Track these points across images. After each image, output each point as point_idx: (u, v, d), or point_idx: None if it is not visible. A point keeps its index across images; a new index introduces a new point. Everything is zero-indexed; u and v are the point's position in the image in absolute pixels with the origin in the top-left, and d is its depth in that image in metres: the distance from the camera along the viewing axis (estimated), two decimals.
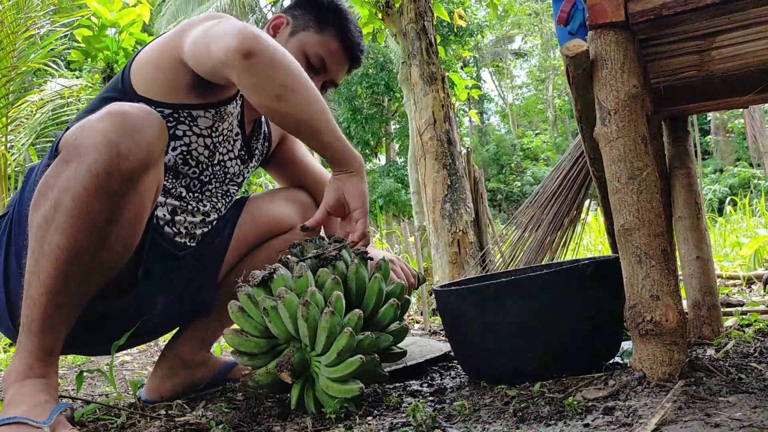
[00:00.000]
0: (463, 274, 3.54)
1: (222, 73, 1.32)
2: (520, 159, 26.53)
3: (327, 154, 1.42)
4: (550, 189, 2.28)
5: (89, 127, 1.20)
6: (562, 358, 1.27)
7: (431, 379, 1.57)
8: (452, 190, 3.72)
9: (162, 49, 1.47)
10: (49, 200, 1.18)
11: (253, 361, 1.27)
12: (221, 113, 1.53)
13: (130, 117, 1.21)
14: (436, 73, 3.90)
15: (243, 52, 1.27)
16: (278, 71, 1.31)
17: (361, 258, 1.31)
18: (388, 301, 1.30)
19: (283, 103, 1.32)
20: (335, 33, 1.69)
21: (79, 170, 1.16)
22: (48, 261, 1.18)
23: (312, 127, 1.37)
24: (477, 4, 20.58)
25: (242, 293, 1.26)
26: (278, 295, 1.18)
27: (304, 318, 1.15)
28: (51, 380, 1.24)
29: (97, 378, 2.29)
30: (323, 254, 1.29)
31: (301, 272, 1.23)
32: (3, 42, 4.73)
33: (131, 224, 1.28)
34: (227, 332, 1.29)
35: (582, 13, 1.54)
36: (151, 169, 1.25)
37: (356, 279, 1.28)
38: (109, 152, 1.17)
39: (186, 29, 1.44)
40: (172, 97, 1.46)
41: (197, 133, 1.51)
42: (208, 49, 1.32)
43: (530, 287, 1.28)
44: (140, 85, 1.46)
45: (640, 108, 1.20)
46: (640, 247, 1.16)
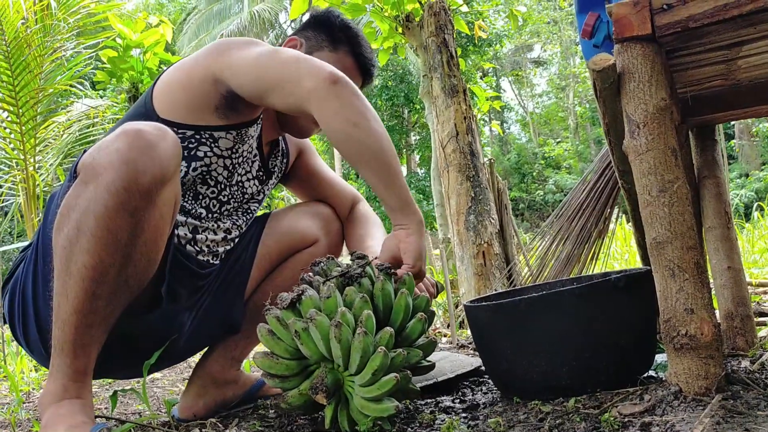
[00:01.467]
0: (489, 285, 3.53)
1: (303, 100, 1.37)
2: (541, 167, 26.40)
3: (389, 197, 1.41)
4: (577, 201, 2.27)
5: (105, 147, 1.22)
6: (596, 372, 1.27)
7: (463, 394, 1.57)
8: (476, 202, 3.71)
9: (188, 70, 1.49)
10: (72, 221, 1.21)
11: (284, 383, 1.28)
12: (242, 135, 1.55)
13: (145, 134, 1.23)
14: (457, 86, 3.90)
15: (332, 80, 1.34)
16: (357, 100, 1.37)
17: (385, 273, 1.32)
18: (416, 316, 1.31)
19: (358, 130, 1.36)
20: (348, 50, 1.73)
21: (98, 190, 1.19)
22: (75, 281, 1.21)
23: (381, 160, 1.38)
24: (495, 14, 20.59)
25: (271, 316, 1.27)
26: (309, 317, 1.19)
27: (337, 339, 1.16)
28: (86, 400, 1.26)
29: (128, 396, 2.31)
30: (348, 272, 1.30)
31: (329, 293, 1.24)
32: (30, 65, 4.83)
33: (153, 239, 1.30)
34: (257, 355, 1.30)
35: (606, 25, 1.54)
36: (168, 183, 1.28)
37: (383, 295, 1.29)
38: (126, 170, 1.19)
39: (223, 50, 1.47)
40: (195, 119, 1.48)
41: (217, 153, 1.53)
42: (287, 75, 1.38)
43: (562, 301, 1.27)
44: (163, 107, 1.48)
45: (669, 120, 1.19)
46: (673, 261, 1.15)
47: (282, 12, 22.93)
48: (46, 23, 4.80)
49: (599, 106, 1.34)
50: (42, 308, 1.39)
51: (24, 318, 1.44)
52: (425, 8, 4.04)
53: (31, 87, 4.79)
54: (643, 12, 1.20)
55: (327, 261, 1.39)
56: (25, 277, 1.44)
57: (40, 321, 1.40)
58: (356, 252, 1.40)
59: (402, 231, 1.42)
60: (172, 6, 28.88)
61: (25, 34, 4.63)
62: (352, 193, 1.87)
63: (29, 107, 4.82)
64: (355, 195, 1.88)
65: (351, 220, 1.84)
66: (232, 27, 20.14)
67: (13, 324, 1.49)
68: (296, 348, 1.25)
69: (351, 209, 1.85)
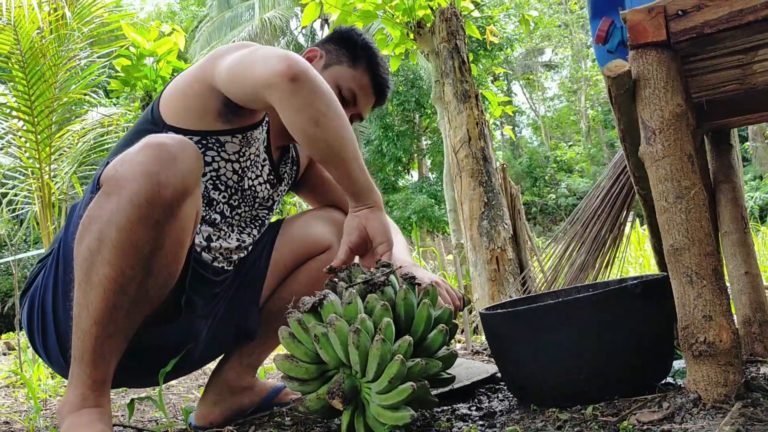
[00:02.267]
0: (502, 291, 3.52)
1: (263, 94, 1.35)
2: (554, 171, 26.29)
3: (350, 185, 1.45)
4: (591, 207, 2.26)
5: (129, 159, 1.24)
6: (613, 379, 1.26)
7: (479, 401, 1.56)
8: (489, 207, 3.71)
9: (191, 78, 1.51)
10: (94, 233, 1.22)
11: (303, 386, 1.29)
12: (248, 138, 1.57)
13: (167, 147, 1.25)
14: (469, 91, 3.90)
15: (290, 76, 1.31)
16: (318, 98, 1.35)
17: (408, 283, 1.32)
18: (437, 327, 1.30)
19: (318, 129, 1.35)
20: (366, 69, 1.74)
21: (121, 202, 1.20)
22: (96, 292, 1.22)
23: (341, 156, 1.40)
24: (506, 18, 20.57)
25: (292, 319, 1.28)
26: (329, 321, 1.19)
27: (355, 345, 1.16)
28: (105, 409, 1.27)
29: (144, 404, 2.32)
30: (371, 280, 1.30)
31: (350, 299, 1.24)
32: (46, 74, 4.87)
33: (174, 252, 1.31)
34: (278, 358, 1.30)
35: (620, 31, 1.54)
36: (190, 196, 1.29)
37: (405, 305, 1.29)
38: (149, 182, 1.20)
39: (217, 57, 1.48)
40: (200, 124, 1.50)
41: (225, 158, 1.54)
42: (252, 70, 1.36)
43: (579, 308, 1.27)
44: (169, 114, 1.50)
45: (685, 126, 1.19)
46: (691, 267, 1.15)
47: (293, 19, 23.01)
48: (61, 33, 4.85)
49: (614, 113, 1.33)
50: (62, 319, 1.40)
51: (43, 328, 1.45)
52: (437, 14, 4.05)
53: (47, 96, 4.83)
54: (658, 18, 1.20)
55: (352, 267, 1.40)
56: (44, 288, 1.45)
57: (60, 332, 1.41)
58: (380, 260, 1.40)
59: (365, 210, 1.46)
60: (184, 14, 29.09)
61: (40, 44, 4.68)
62: None
63: (44, 116, 4.86)
64: None
65: None
66: (244, 34, 20.24)
67: (32, 334, 1.50)
68: (316, 352, 1.25)
69: None
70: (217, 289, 1.61)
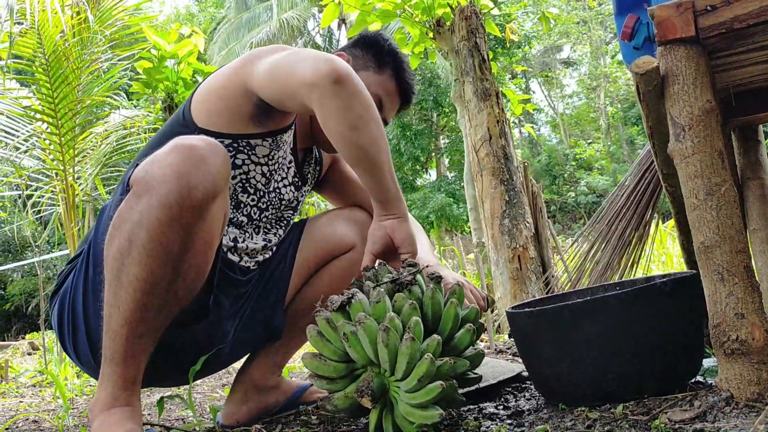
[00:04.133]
0: (524, 290, 3.51)
1: (304, 95, 1.35)
2: (573, 169, 26.12)
3: (380, 192, 1.44)
4: (616, 206, 2.24)
5: (159, 161, 1.25)
6: (643, 378, 1.25)
7: (506, 401, 1.56)
8: (510, 206, 3.70)
9: (224, 80, 1.52)
10: (124, 234, 1.23)
11: (330, 385, 1.29)
12: (277, 141, 1.58)
13: (197, 149, 1.26)
14: (489, 89, 3.89)
15: (333, 77, 1.32)
16: (359, 102, 1.35)
17: (435, 282, 1.32)
18: (464, 327, 1.30)
19: (356, 132, 1.35)
20: (393, 74, 1.75)
21: (151, 203, 1.21)
22: (126, 292, 1.23)
23: (375, 162, 1.40)
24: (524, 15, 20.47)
25: (321, 318, 1.28)
26: (358, 320, 1.20)
27: (384, 344, 1.17)
28: (135, 408, 1.29)
29: (171, 403, 2.34)
30: (398, 279, 1.31)
31: (379, 297, 1.24)
32: (69, 77, 4.94)
33: (203, 252, 1.32)
34: (306, 355, 1.31)
35: (646, 27, 1.53)
36: (218, 197, 1.30)
37: (432, 304, 1.29)
38: (179, 184, 1.21)
39: (252, 59, 1.49)
40: (232, 127, 1.50)
41: (255, 161, 1.55)
42: (294, 71, 1.36)
43: (607, 307, 1.26)
44: (201, 117, 1.51)
45: (715, 122, 1.18)
46: (722, 265, 1.14)
47: (310, 19, 23.07)
48: (83, 36, 4.90)
49: (642, 109, 1.32)
50: (92, 319, 1.42)
51: (74, 329, 1.47)
52: (456, 12, 4.04)
53: (70, 99, 4.89)
54: (687, 14, 1.19)
55: (379, 266, 1.40)
56: (74, 288, 1.47)
57: (90, 332, 1.43)
58: (406, 260, 1.40)
59: (391, 220, 1.45)
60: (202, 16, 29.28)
61: (63, 48, 4.74)
62: None
63: (68, 119, 4.92)
64: None
65: None
66: (261, 35, 20.33)
67: (62, 334, 1.52)
68: (344, 351, 1.26)
69: None
70: (243, 289, 1.63)
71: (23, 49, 4.74)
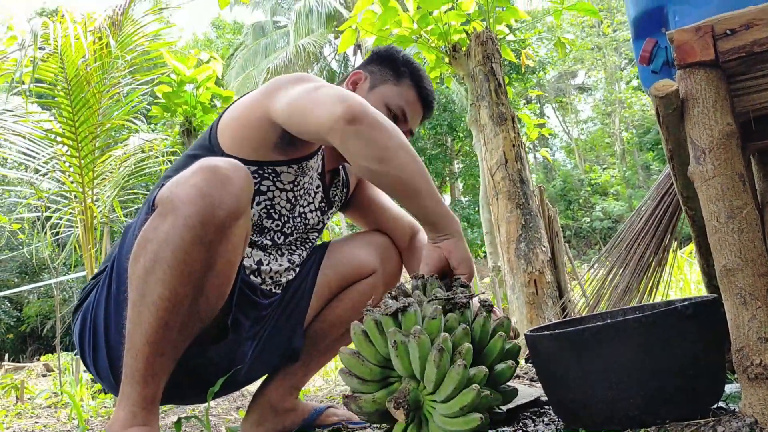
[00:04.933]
0: (541, 314, 3.48)
1: (323, 136, 1.37)
2: (588, 194, 26.05)
3: (425, 216, 1.43)
4: (634, 230, 2.23)
5: (183, 182, 1.27)
6: (665, 403, 1.24)
7: (524, 425, 1.54)
8: (526, 230, 3.69)
9: (248, 108, 1.54)
10: (149, 253, 1.25)
11: (361, 385, 1.28)
12: (303, 168, 1.59)
13: (221, 170, 1.28)
14: (505, 114, 3.91)
15: (347, 119, 1.33)
16: (380, 135, 1.35)
17: (487, 311, 1.32)
18: (506, 362, 1.30)
19: (384, 164, 1.36)
20: (411, 84, 1.77)
21: (176, 223, 1.23)
22: (150, 311, 1.24)
23: (411, 188, 1.38)
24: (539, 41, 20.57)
25: (369, 318, 1.27)
26: (413, 332, 1.19)
27: (436, 364, 1.16)
28: (154, 428, 1.29)
29: (188, 424, 2.34)
30: (454, 299, 1.30)
31: (435, 314, 1.23)
32: (90, 101, 5.01)
33: (225, 272, 1.33)
34: (344, 351, 1.30)
35: (665, 51, 1.53)
36: (241, 217, 1.31)
37: (481, 332, 1.29)
38: (203, 204, 1.23)
39: (274, 90, 1.50)
40: (258, 155, 1.52)
41: (280, 187, 1.56)
42: (311, 112, 1.38)
43: (628, 330, 1.25)
44: (227, 143, 1.53)
45: (735, 146, 1.18)
46: (745, 288, 1.13)
47: (326, 45, 23.33)
48: (105, 61, 4.98)
49: (662, 132, 1.33)
50: (113, 335, 1.43)
51: (94, 344, 1.48)
52: (472, 38, 4.07)
53: (90, 122, 4.95)
54: (706, 38, 1.20)
55: (430, 278, 1.39)
56: (97, 304, 1.48)
57: (111, 347, 1.44)
58: (459, 279, 1.39)
59: (447, 240, 1.42)
60: (220, 42, 29.68)
61: (85, 72, 4.81)
62: (410, 223, 1.89)
63: (88, 142, 4.98)
64: (414, 225, 1.90)
65: (412, 250, 1.85)
66: (278, 61, 20.59)
67: (83, 349, 1.53)
68: (385, 356, 1.25)
69: (411, 239, 1.87)
70: (264, 312, 1.63)
71: (45, 73, 4.82)
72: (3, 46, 5.13)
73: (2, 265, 17.69)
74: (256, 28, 24.18)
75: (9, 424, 3.14)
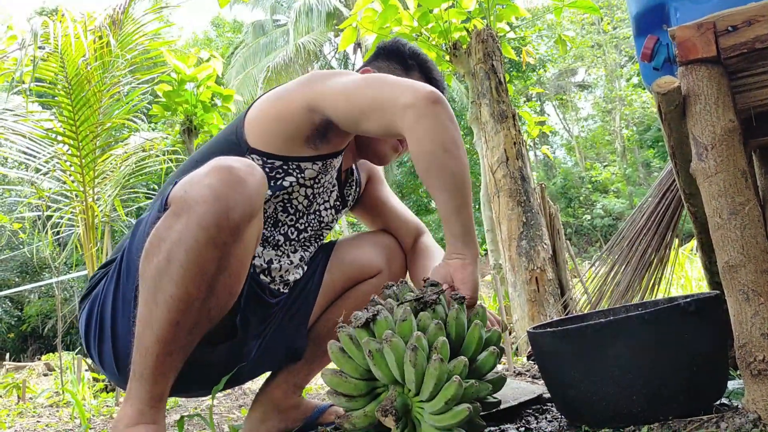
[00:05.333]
0: (542, 312, 3.49)
1: (394, 114, 1.38)
2: (588, 192, 26.03)
3: (457, 225, 1.40)
4: (636, 227, 2.23)
5: (197, 181, 1.26)
6: (668, 399, 1.24)
7: (527, 422, 1.55)
8: (528, 227, 3.69)
9: (283, 100, 1.53)
10: (162, 252, 1.24)
11: (350, 402, 1.28)
12: (327, 166, 1.58)
13: (235, 170, 1.27)
14: (506, 111, 3.91)
15: (433, 98, 1.35)
16: (453, 125, 1.38)
17: (459, 303, 1.31)
18: (488, 349, 1.29)
19: (448, 155, 1.36)
20: (421, 75, 1.77)
21: (190, 223, 1.22)
22: (161, 311, 1.24)
23: (461, 190, 1.39)
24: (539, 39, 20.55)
25: (343, 334, 1.27)
26: (385, 338, 1.19)
27: (412, 363, 1.16)
28: (160, 426, 1.29)
29: (190, 422, 2.34)
30: (423, 298, 1.30)
31: (405, 316, 1.23)
32: (90, 100, 5.01)
33: (236, 273, 1.33)
34: (326, 372, 1.30)
35: (666, 48, 1.53)
36: (254, 218, 1.31)
37: (456, 324, 1.28)
38: (218, 205, 1.22)
39: (317, 80, 1.51)
40: (287, 149, 1.51)
41: (302, 183, 1.56)
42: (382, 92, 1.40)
43: (630, 327, 1.25)
44: (255, 138, 1.52)
45: (737, 142, 1.18)
46: (747, 284, 1.13)
47: (326, 44, 23.31)
48: (105, 60, 4.98)
49: (664, 129, 1.33)
50: (119, 326, 1.42)
51: (100, 334, 1.48)
52: (473, 36, 4.07)
53: (91, 121, 4.96)
54: (707, 34, 1.20)
55: (399, 285, 1.39)
56: (105, 295, 1.48)
57: (116, 338, 1.44)
58: (429, 279, 1.39)
59: (458, 261, 1.40)
60: (220, 41, 29.67)
61: (85, 71, 4.81)
62: (416, 225, 1.89)
63: (89, 141, 4.98)
64: (419, 227, 1.90)
65: (415, 251, 1.85)
66: (278, 59, 20.58)
67: (88, 338, 1.52)
68: (366, 368, 1.25)
69: (415, 241, 1.87)
70: (271, 311, 1.63)
71: (46, 72, 4.83)
72: (3, 46, 5.13)
73: (3, 265, 17.70)
74: (256, 27, 24.17)
75: (11, 423, 3.15)
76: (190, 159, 1.62)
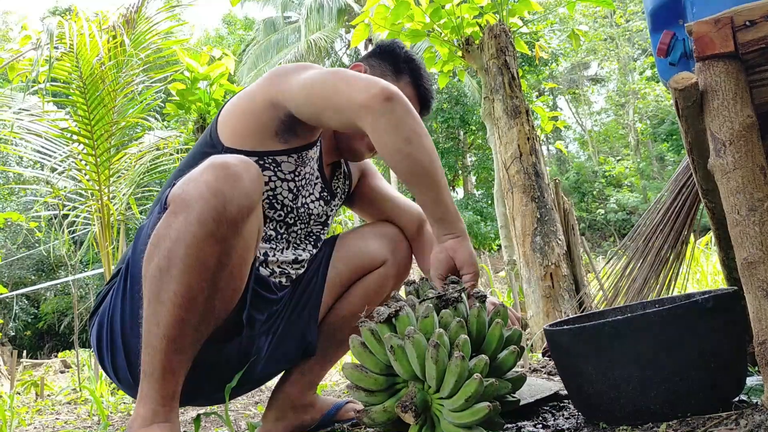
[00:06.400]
0: (557, 308, 3.48)
1: (352, 113, 1.39)
2: (602, 186, 25.90)
3: (439, 210, 1.43)
4: (652, 223, 2.22)
5: (194, 179, 1.28)
6: (686, 396, 1.23)
7: (544, 419, 1.54)
8: (542, 223, 3.68)
9: (248, 98, 1.55)
10: (162, 251, 1.25)
11: (369, 397, 1.29)
12: (303, 158, 1.59)
13: (231, 167, 1.29)
14: (519, 107, 3.89)
15: (385, 96, 1.36)
16: (411, 118, 1.39)
17: (480, 301, 1.32)
18: (509, 348, 1.29)
19: (411, 146, 1.38)
20: (410, 81, 1.77)
21: (189, 220, 1.24)
22: (166, 309, 1.25)
23: (433, 178, 1.40)
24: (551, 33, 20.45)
25: (365, 328, 1.27)
26: (407, 334, 1.19)
27: (434, 360, 1.16)
28: (174, 425, 1.30)
29: (207, 420, 2.36)
30: (444, 295, 1.30)
31: (427, 312, 1.24)
32: (105, 99, 5.05)
33: (238, 267, 1.34)
34: (347, 366, 1.31)
35: (682, 43, 1.52)
36: (253, 213, 1.32)
37: (477, 323, 1.28)
38: (215, 201, 1.24)
39: (280, 75, 1.52)
40: (258, 145, 1.53)
41: (281, 177, 1.57)
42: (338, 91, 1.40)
43: (648, 324, 1.25)
44: (227, 136, 1.54)
45: (756, 137, 1.17)
46: (766, 281, 1.12)
47: (337, 40, 23.31)
48: (119, 59, 5.01)
49: (681, 125, 1.32)
50: (131, 338, 1.43)
51: (113, 348, 1.49)
52: (485, 31, 4.06)
53: (106, 120, 5.00)
54: (725, 29, 1.19)
55: (421, 281, 1.40)
56: (113, 308, 1.49)
57: (129, 350, 1.45)
58: (451, 276, 1.40)
59: (452, 240, 1.43)
60: (231, 38, 29.74)
61: (99, 71, 4.85)
62: (418, 211, 1.88)
63: (103, 140, 5.03)
64: (422, 214, 1.89)
65: (420, 239, 1.86)
66: (290, 56, 20.61)
67: (101, 353, 1.53)
68: (387, 363, 1.25)
69: (419, 228, 1.87)
70: (276, 306, 1.64)
71: (61, 72, 4.87)
72: (17, 46, 5.17)
73: (20, 263, 17.87)
74: (267, 24, 24.21)
75: (30, 420, 3.19)
76: (180, 164, 1.63)
